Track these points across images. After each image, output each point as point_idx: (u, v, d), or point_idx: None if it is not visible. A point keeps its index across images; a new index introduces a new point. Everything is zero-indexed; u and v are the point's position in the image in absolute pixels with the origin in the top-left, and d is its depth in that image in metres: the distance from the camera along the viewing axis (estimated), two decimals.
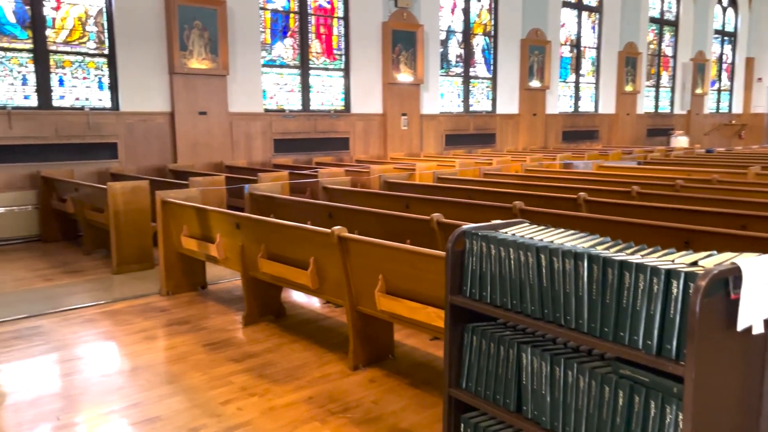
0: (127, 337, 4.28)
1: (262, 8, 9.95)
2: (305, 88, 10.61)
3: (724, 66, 20.17)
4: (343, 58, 11.05)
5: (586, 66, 15.65)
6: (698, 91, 18.27)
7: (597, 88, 15.94)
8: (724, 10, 19.64)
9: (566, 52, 15.11)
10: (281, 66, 10.31)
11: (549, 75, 14.09)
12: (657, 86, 17.80)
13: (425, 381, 3.53)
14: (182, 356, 3.92)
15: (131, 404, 3.26)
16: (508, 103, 13.80)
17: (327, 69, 10.87)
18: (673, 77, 18.24)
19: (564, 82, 15.15)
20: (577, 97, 15.55)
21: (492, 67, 13.49)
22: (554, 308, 1.99)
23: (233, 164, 9.32)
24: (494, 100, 13.64)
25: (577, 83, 15.47)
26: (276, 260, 4.22)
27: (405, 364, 3.79)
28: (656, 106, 17.88)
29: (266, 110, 10.12)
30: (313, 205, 5.43)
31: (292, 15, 10.34)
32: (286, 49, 10.34)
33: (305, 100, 10.64)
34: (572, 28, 15.14)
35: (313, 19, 10.59)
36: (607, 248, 2.01)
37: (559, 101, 14.99)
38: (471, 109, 13.31)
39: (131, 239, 6.12)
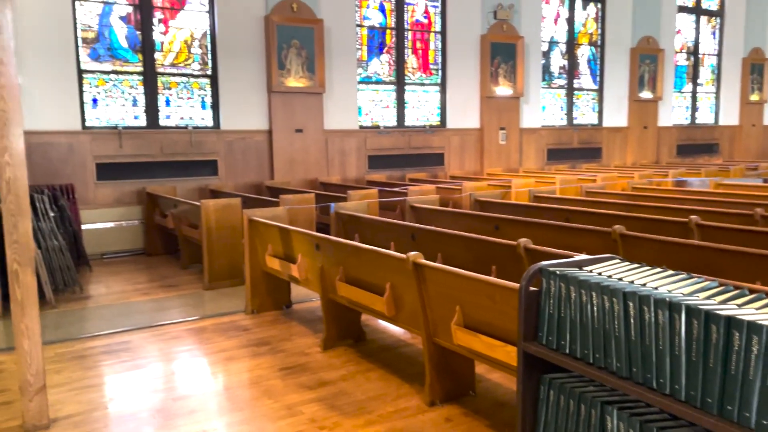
0: (207, 357, 4.29)
1: (358, 25, 9.99)
2: (400, 103, 10.53)
3: None
4: (440, 72, 10.87)
5: (705, 74, 14.50)
6: None
7: (717, 98, 14.72)
8: None
9: (682, 60, 14.07)
10: (377, 82, 10.29)
11: (662, 85, 13.17)
12: None
13: (507, 423, 3.23)
14: (257, 380, 3.86)
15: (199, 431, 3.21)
16: (616, 116, 13.02)
17: (423, 84, 10.73)
18: None
19: (679, 92, 14.11)
20: (695, 108, 14.42)
21: (598, 78, 12.80)
22: (644, 367, 1.67)
23: (327, 181, 9.38)
24: (600, 112, 12.92)
25: (694, 93, 14.36)
26: (354, 284, 4.07)
27: (486, 402, 3.50)
28: None
29: (361, 127, 10.12)
30: (397, 225, 5.26)
31: (388, 31, 10.32)
32: (382, 65, 10.32)
33: (400, 116, 10.55)
34: (689, 35, 14.09)
35: (409, 35, 10.51)
36: (714, 295, 1.67)
37: (673, 113, 13.97)
38: (575, 122, 12.68)
39: (223, 256, 6.23)
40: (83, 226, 7.65)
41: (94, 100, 7.99)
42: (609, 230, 4.40)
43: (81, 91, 7.88)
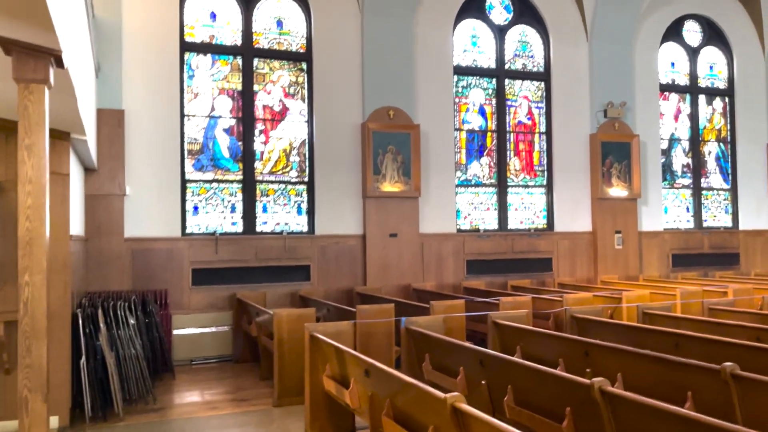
0: None
1: (457, 129, 9.85)
2: (502, 206, 10.06)
3: None
4: (545, 173, 10.35)
5: None
6: None
7: None
8: None
9: None
10: (477, 185, 9.96)
11: None
12: None
13: None
14: None
15: None
16: (755, 217, 11.60)
17: (527, 186, 10.24)
18: None
19: None
20: None
21: (730, 177, 11.59)
22: None
23: (421, 287, 8.97)
24: (735, 213, 11.58)
25: None
26: (403, 421, 3.56)
27: None
28: None
29: (459, 230, 9.73)
30: (467, 350, 4.69)
31: (489, 134, 10.07)
32: (482, 168, 10.01)
33: (502, 219, 10.05)
34: None
35: (512, 137, 10.19)
36: None
37: None
38: (704, 224, 11.43)
39: (295, 370, 5.92)
40: (175, 332, 7.76)
41: (195, 208, 8.33)
42: (718, 368, 3.57)
43: (183, 200, 8.26)
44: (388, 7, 9.06)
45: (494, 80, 10.10)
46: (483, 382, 4.24)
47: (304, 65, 8.97)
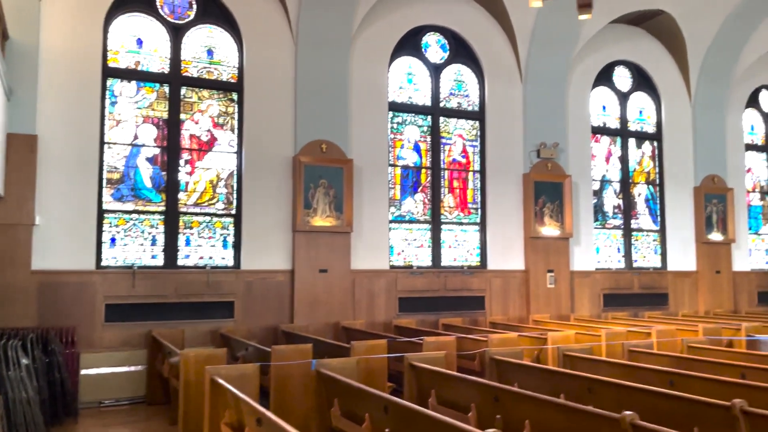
0: None
1: (392, 165, 9.79)
2: (436, 243, 9.99)
3: None
4: (479, 211, 10.36)
5: None
6: None
7: None
8: None
9: (756, 200, 12.95)
10: (410, 221, 9.88)
11: (734, 227, 12.03)
12: None
13: None
14: None
15: None
16: (682, 259, 11.87)
17: (461, 223, 10.21)
18: None
19: (756, 234, 12.85)
20: None
21: (659, 219, 11.87)
22: None
23: (351, 325, 8.73)
24: (664, 255, 11.83)
25: None
26: None
27: None
28: None
29: (392, 267, 9.59)
30: (372, 396, 4.48)
31: (424, 170, 10.05)
32: (416, 204, 9.94)
33: (435, 256, 9.97)
34: (761, 173, 13.06)
35: (446, 174, 10.19)
36: None
37: (751, 256, 12.64)
38: (635, 265, 11.62)
39: (201, 416, 5.58)
40: (83, 371, 7.27)
41: (113, 240, 7.94)
42: (618, 417, 3.47)
43: (100, 231, 7.86)
44: (323, 41, 9.00)
45: (429, 118, 10.13)
46: (387, 430, 4.04)
47: (234, 95, 8.78)
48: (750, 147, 12.93)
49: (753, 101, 13.04)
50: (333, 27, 8.98)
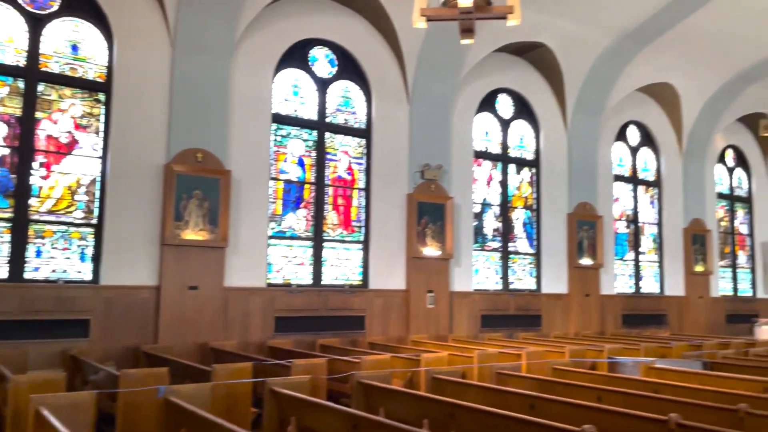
0: None
1: (273, 179, 9.46)
2: (317, 261, 9.74)
3: None
4: (363, 230, 10.24)
5: (647, 243, 14.17)
6: None
7: (661, 268, 14.27)
8: None
9: (622, 227, 13.79)
10: (292, 238, 9.57)
11: (602, 252, 12.70)
12: (734, 267, 15.88)
13: None
14: None
15: None
16: (555, 282, 12.36)
17: (344, 241, 10.03)
18: (752, 257, 16.31)
19: (621, 260, 13.66)
20: (638, 277, 13.89)
21: (535, 243, 12.31)
22: None
23: (220, 346, 8.25)
24: (539, 277, 12.27)
25: (637, 262, 13.91)
26: None
27: None
28: (735, 289, 15.80)
29: (269, 284, 9.22)
30: (220, 429, 4.13)
31: (307, 186, 9.79)
32: (298, 220, 9.66)
33: (316, 274, 9.71)
34: (628, 203, 13.95)
35: (330, 190, 10.00)
36: None
37: (616, 281, 13.40)
38: (511, 287, 11.95)
39: None
40: None
41: None
42: None
43: None
44: (203, 45, 8.57)
45: (315, 132, 9.92)
46: None
47: (101, 96, 8.13)
48: (618, 178, 13.77)
49: (622, 135, 13.94)
50: (214, 32, 8.58)
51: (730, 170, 16.11)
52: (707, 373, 6.90)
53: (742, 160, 16.33)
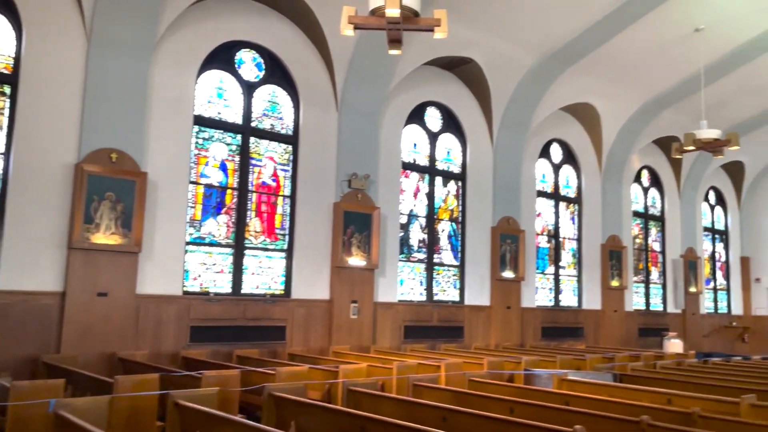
0: None
1: (193, 182, 9.14)
2: (238, 268, 9.46)
3: (718, 264, 19.15)
4: (287, 238, 10.04)
5: (567, 258, 14.61)
6: (692, 289, 17.02)
7: (580, 282, 14.75)
8: (712, 208, 19.10)
9: (544, 242, 14.17)
10: (211, 244, 9.26)
11: (523, 266, 12.98)
12: (647, 282, 16.61)
13: None
14: None
15: None
16: (478, 294, 12.52)
17: (266, 249, 9.80)
18: (663, 273, 17.12)
19: (542, 273, 14.01)
20: (558, 291, 14.29)
21: (460, 255, 12.44)
22: None
23: (129, 356, 7.85)
24: (462, 289, 12.40)
25: (556, 276, 14.32)
26: None
27: None
28: (647, 304, 16.53)
29: (186, 292, 8.88)
30: None
31: (229, 191, 9.52)
32: (219, 227, 9.36)
33: (236, 282, 9.43)
34: (549, 218, 14.35)
35: (254, 197, 9.76)
36: None
37: (537, 294, 13.73)
38: (435, 298, 12.02)
39: None
40: None
41: None
42: None
43: None
44: (122, 42, 8.20)
45: (239, 137, 9.67)
46: None
47: (6, 89, 7.63)
48: (541, 194, 14.15)
49: (545, 152, 14.35)
50: (134, 28, 8.22)
51: (645, 190, 16.89)
52: (616, 385, 7.12)
53: (656, 181, 17.16)
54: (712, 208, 19.08)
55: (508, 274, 12.75)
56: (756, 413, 5.54)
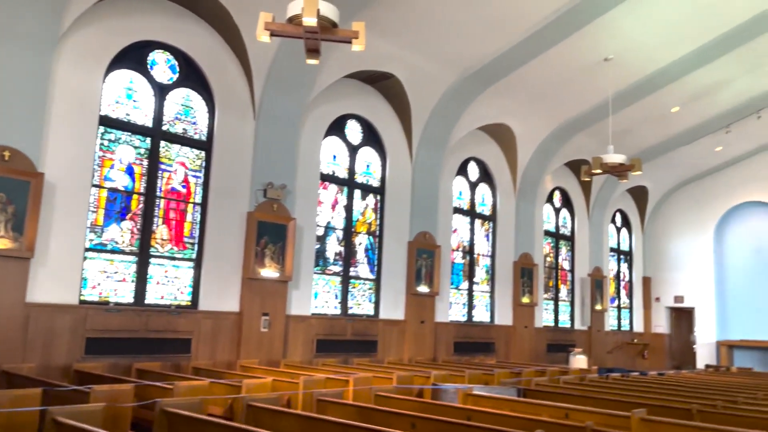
0: None
1: (96, 185, 8.67)
2: (141, 277, 9.03)
3: (623, 283, 20.12)
4: (196, 247, 9.69)
5: (480, 274, 14.91)
6: (598, 307, 17.77)
7: (492, 298, 15.07)
8: (618, 230, 20.08)
9: (459, 258, 14.39)
10: (113, 251, 8.80)
11: (438, 280, 13.11)
12: (556, 300, 17.20)
13: None
14: None
15: None
16: (393, 308, 12.53)
17: (173, 258, 9.42)
18: (571, 291, 17.79)
19: (456, 289, 14.22)
20: (471, 306, 14.54)
21: (376, 268, 12.43)
22: None
23: (16, 370, 7.29)
24: (377, 303, 12.37)
25: (470, 291, 14.56)
26: None
27: None
28: (556, 320, 17.11)
29: (83, 302, 8.37)
30: None
31: (135, 196, 9.09)
32: (122, 233, 8.91)
33: (139, 292, 8.99)
34: (465, 235, 14.61)
35: (162, 203, 9.37)
36: None
37: (451, 309, 13.90)
38: (350, 311, 11.93)
39: None
40: None
41: None
42: None
43: None
44: (21, 34, 7.68)
45: (149, 140, 9.28)
46: None
47: None
48: (457, 210, 14.39)
49: (463, 170, 14.63)
50: (34, 21, 7.74)
51: (557, 210, 17.54)
52: (519, 400, 7.24)
53: (567, 202, 17.86)
54: (618, 230, 20.06)
55: (423, 288, 12.84)
56: (645, 427, 5.76)
